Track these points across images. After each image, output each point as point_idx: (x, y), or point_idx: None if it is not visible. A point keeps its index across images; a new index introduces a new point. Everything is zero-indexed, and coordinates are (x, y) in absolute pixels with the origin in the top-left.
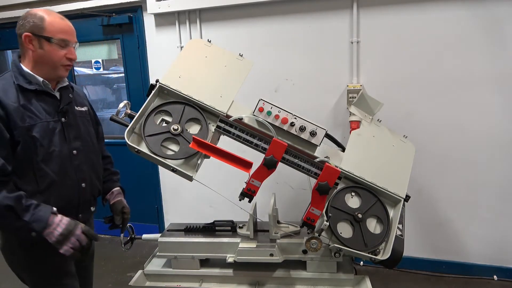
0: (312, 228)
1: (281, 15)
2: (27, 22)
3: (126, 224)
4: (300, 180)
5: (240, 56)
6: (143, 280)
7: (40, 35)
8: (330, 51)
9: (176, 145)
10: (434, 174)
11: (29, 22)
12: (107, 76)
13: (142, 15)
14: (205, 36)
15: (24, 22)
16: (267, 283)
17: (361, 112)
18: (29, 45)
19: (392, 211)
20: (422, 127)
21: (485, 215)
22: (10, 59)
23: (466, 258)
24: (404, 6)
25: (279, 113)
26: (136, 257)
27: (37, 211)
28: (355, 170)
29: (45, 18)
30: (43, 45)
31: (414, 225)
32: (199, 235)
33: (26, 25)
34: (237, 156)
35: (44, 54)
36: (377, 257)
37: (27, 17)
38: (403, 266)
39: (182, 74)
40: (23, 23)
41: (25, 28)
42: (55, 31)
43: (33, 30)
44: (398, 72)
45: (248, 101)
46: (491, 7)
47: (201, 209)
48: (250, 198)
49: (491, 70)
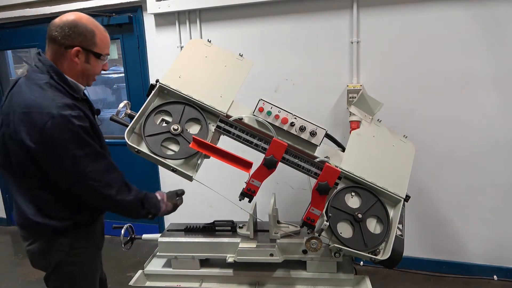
0: (312, 228)
1: (281, 15)
2: (77, 35)
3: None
4: (300, 180)
5: (240, 56)
6: (143, 280)
7: (90, 51)
8: (330, 51)
9: (176, 145)
10: (434, 174)
11: (80, 34)
12: (107, 76)
13: (142, 15)
14: (205, 36)
15: (72, 34)
16: (267, 283)
17: (361, 112)
18: (75, 58)
19: (392, 211)
20: (422, 127)
21: (485, 215)
22: (11, 59)
23: (466, 258)
24: (404, 6)
25: (279, 113)
26: (136, 257)
27: (150, 199)
28: (355, 170)
29: (95, 33)
30: (90, 60)
31: (414, 225)
32: (199, 235)
33: (76, 38)
34: (237, 156)
35: (90, 68)
36: (377, 257)
37: (76, 28)
38: (403, 266)
39: (182, 74)
40: (71, 34)
41: (74, 41)
42: (104, 47)
43: (84, 45)
44: (398, 72)
45: (248, 101)
46: (491, 7)
47: (201, 209)
48: (250, 198)
49: (491, 70)
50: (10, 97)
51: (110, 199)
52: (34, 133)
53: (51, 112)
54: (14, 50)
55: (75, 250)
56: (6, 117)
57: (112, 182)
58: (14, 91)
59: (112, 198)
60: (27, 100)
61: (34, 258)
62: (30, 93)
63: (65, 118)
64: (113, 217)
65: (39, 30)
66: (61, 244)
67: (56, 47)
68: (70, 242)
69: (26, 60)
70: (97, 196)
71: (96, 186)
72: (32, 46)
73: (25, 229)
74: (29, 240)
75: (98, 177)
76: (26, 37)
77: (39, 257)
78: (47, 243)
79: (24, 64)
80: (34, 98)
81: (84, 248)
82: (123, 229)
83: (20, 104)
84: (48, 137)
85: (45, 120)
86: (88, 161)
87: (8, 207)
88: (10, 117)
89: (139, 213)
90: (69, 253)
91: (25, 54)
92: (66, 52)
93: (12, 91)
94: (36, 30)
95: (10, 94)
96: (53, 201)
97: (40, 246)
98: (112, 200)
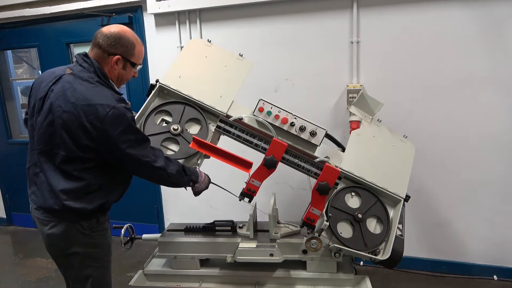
0: (312, 228)
1: (281, 15)
2: (120, 45)
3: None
4: (300, 180)
5: (240, 56)
6: (143, 280)
7: (128, 60)
8: (330, 51)
9: (176, 145)
10: (434, 174)
11: (122, 45)
12: None
13: (142, 15)
14: (205, 36)
15: (117, 44)
16: (267, 283)
17: (361, 112)
18: (114, 65)
19: (392, 211)
20: (422, 127)
21: (485, 215)
22: (11, 59)
23: (466, 258)
24: (404, 6)
25: (279, 113)
26: (136, 257)
27: (189, 168)
28: (355, 170)
29: (136, 46)
30: (127, 67)
31: (414, 225)
32: (199, 235)
33: (119, 48)
34: (237, 156)
35: (124, 74)
36: (377, 257)
37: (120, 40)
38: (403, 266)
39: (182, 74)
40: (115, 44)
41: (117, 50)
42: (140, 58)
43: (124, 55)
44: (398, 72)
45: (248, 101)
46: (491, 7)
47: (201, 209)
48: (250, 198)
49: (491, 70)
50: (62, 91)
51: (160, 170)
52: (96, 121)
53: (111, 104)
54: (14, 50)
55: (95, 233)
56: (59, 108)
57: (158, 157)
58: (65, 86)
59: (162, 169)
60: (87, 95)
61: (54, 241)
62: (87, 89)
63: (122, 109)
64: (113, 217)
65: (39, 30)
66: (82, 226)
67: (100, 53)
68: (91, 225)
69: (26, 60)
70: (149, 169)
71: (147, 161)
72: (32, 46)
73: (50, 213)
74: (50, 223)
75: (147, 154)
76: (26, 37)
77: (60, 240)
78: (70, 226)
79: (24, 64)
80: (93, 93)
81: (102, 230)
82: (123, 229)
83: (79, 98)
84: (108, 124)
85: (106, 110)
86: (138, 144)
87: (8, 207)
88: (64, 108)
89: (184, 180)
90: (90, 236)
91: (25, 54)
92: (108, 58)
93: (63, 86)
94: (36, 30)
95: (60, 88)
96: (91, 184)
97: (62, 229)
98: (162, 170)
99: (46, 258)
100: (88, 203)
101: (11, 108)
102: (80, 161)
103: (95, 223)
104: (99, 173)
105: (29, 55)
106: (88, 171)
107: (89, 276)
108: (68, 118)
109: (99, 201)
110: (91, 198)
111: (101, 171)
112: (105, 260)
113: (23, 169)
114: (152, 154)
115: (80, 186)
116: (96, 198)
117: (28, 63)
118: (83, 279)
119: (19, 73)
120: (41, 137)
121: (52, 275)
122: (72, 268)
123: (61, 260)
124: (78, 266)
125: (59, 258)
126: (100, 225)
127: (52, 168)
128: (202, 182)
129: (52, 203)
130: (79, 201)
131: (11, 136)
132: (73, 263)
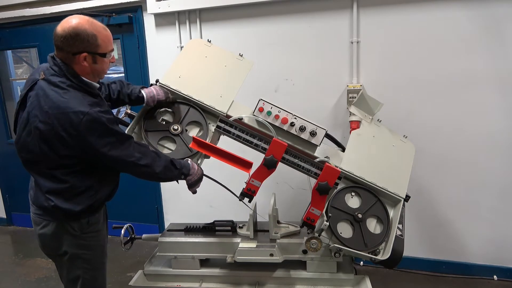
0: (312, 228)
1: (281, 15)
2: (80, 42)
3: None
4: (300, 180)
5: (240, 56)
6: (143, 280)
7: (96, 53)
8: (330, 51)
9: (173, 144)
10: (434, 174)
11: (83, 41)
12: (107, 76)
13: (142, 15)
14: (205, 36)
15: (76, 42)
16: (267, 283)
17: (361, 112)
18: (84, 63)
19: (392, 211)
20: (422, 127)
21: (485, 215)
22: (11, 59)
23: (466, 258)
24: (404, 6)
25: (279, 113)
26: (136, 257)
27: (178, 160)
28: (355, 170)
29: (97, 36)
30: (97, 60)
31: (414, 225)
32: (199, 235)
33: (80, 45)
34: (237, 156)
35: (98, 68)
36: (377, 257)
37: (78, 36)
38: (403, 266)
39: (182, 74)
40: (74, 43)
41: (79, 48)
42: (107, 45)
43: (89, 49)
44: (398, 72)
45: (248, 101)
46: (491, 7)
47: (201, 209)
48: (250, 198)
49: (491, 70)
50: (37, 99)
51: (146, 168)
52: (72, 130)
53: (84, 110)
54: (14, 50)
55: (86, 234)
56: (35, 118)
57: (143, 153)
58: (39, 94)
59: (148, 166)
60: (59, 103)
61: (46, 241)
62: (59, 96)
63: (95, 114)
64: (113, 217)
65: (39, 30)
66: (72, 227)
67: (65, 54)
68: (81, 227)
69: (26, 60)
70: (135, 167)
71: (132, 161)
72: (32, 46)
73: (42, 210)
74: (42, 222)
75: (132, 152)
76: (26, 37)
77: (51, 240)
78: (60, 227)
79: (24, 64)
80: (65, 100)
81: (93, 232)
82: (123, 229)
83: (52, 106)
84: (84, 131)
85: (80, 117)
86: (120, 143)
87: (8, 207)
88: (40, 117)
89: (173, 174)
90: (80, 237)
91: (25, 54)
92: (74, 58)
93: (37, 94)
94: (36, 30)
95: (35, 96)
96: (77, 186)
97: (53, 229)
98: (148, 167)
99: (46, 258)
100: (76, 204)
101: (11, 108)
102: (63, 167)
103: (85, 224)
104: (85, 175)
105: (29, 55)
106: (73, 174)
107: (79, 278)
108: (44, 128)
109: (87, 202)
110: (78, 199)
111: (87, 173)
112: (97, 262)
113: (23, 169)
114: (138, 151)
115: (66, 188)
116: (83, 199)
117: (28, 63)
118: (72, 280)
119: (19, 73)
120: (22, 146)
121: (52, 275)
122: (62, 268)
123: (54, 259)
124: (68, 266)
125: (52, 257)
126: (90, 226)
127: (38, 172)
128: (194, 174)
129: (43, 201)
130: (67, 202)
131: (11, 136)
132: (64, 263)
